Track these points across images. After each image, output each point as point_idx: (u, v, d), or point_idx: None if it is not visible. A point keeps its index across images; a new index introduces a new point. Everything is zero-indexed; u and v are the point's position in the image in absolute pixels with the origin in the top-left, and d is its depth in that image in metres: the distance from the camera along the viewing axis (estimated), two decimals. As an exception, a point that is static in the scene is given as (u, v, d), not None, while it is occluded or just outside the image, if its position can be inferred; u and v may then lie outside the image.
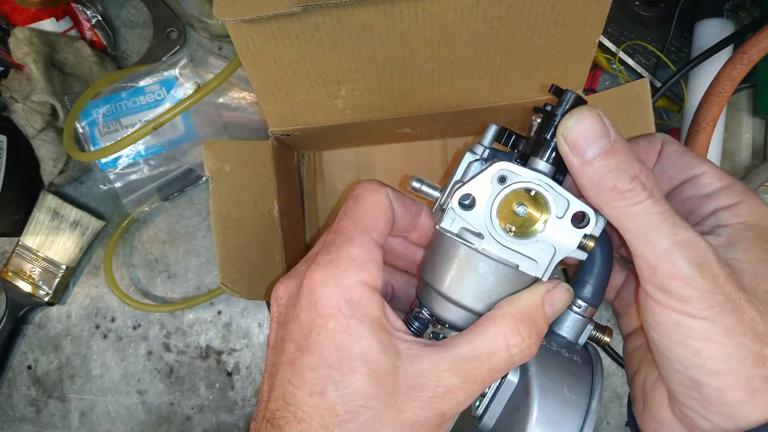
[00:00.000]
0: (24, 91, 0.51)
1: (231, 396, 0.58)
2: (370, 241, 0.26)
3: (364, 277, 0.25)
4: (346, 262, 0.25)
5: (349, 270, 0.25)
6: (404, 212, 0.29)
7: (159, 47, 0.58)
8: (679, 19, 0.53)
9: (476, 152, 0.28)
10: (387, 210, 0.27)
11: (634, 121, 0.40)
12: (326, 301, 0.25)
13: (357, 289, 0.25)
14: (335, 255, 0.26)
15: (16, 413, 0.58)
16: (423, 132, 0.52)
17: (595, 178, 0.24)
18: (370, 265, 0.26)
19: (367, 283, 0.25)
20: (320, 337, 0.25)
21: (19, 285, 0.57)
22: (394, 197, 0.28)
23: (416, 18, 0.34)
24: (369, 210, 0.27)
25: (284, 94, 0.41)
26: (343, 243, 0.26)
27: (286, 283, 0.28)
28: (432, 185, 0.28)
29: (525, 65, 0.40)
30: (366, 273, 0.25)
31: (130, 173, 0.57)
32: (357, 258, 0.25)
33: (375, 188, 0.28)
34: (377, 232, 0.27)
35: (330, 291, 0.25)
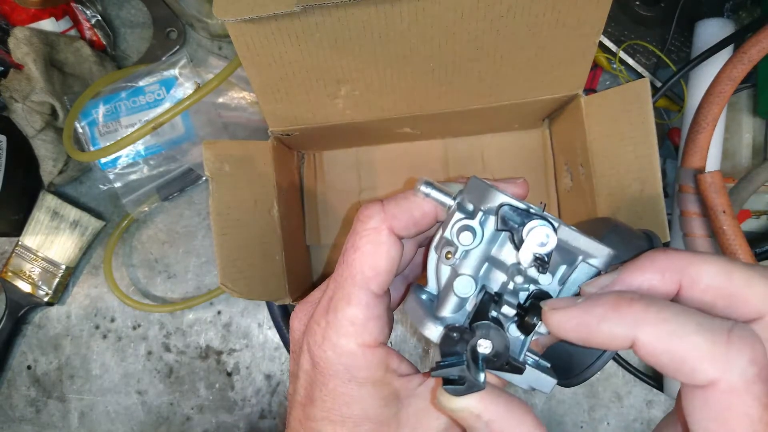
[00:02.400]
0: (23, 91, 0.51)
1: (231, 396, 0.57)
2: (369, 297, 0.25)
3: (363, 339, 0.25)
4: (344, 325, 0.25)
5: (347, 334, 0.24)
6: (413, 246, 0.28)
7: (159, 47, 0.58)
8: (679, 18, 0.53)
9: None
10: (388, 254, 0.25)
11: (634, 121, 0.40)
12: (324, 364, 0.25)
13: (356, 353, 0.25)
14: (333, 316, 0.25)
15: (15, 413, 0.58)
16: (423, 132, 0.52)
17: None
18: (371, 324, 0.25)
19: (367, 345, 0.25)
20: (322, 394, 0.25)
21: (19, 285, 0.57)
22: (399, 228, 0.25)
23: (416, 18, 0.34)
24: (368, 259, 0.25)
25: (284, 94, 0.41)
26: (341, 302, 0.25)
27: (299, 315, 0.28)
28: (444, 191, 0.25)
29: (525, 65, 0.39)
30: (366, 334, 0.25)
31: (130, 173, 0.57)
32: (355, 320, 0.24)
33: (374, 227, 0.25)
34: (377, 283, 0.25)
35: (328, 355, 0.25)
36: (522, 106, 0.45)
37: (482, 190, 0.24)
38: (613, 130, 0.42)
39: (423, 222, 0.26)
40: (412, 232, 0.26)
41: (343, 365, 0.25)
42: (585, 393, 0.55)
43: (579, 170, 0.46)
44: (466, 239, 0.23)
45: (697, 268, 0.20)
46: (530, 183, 0.54)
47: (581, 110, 0.43)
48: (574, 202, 0.49)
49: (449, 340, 0.22)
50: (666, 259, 0.21)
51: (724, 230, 0.39)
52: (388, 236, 0.25)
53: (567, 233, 0.22)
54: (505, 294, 0.23)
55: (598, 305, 0.20)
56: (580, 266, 0.23)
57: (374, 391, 0.25)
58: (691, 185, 0.41)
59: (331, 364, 0.25)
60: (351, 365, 0.25)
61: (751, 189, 0.43)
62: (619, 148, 0.41)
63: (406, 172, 0.55)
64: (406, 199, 0.26)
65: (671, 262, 0.21)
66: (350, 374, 0.25)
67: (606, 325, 0.20)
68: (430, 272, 0.26)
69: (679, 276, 0.20)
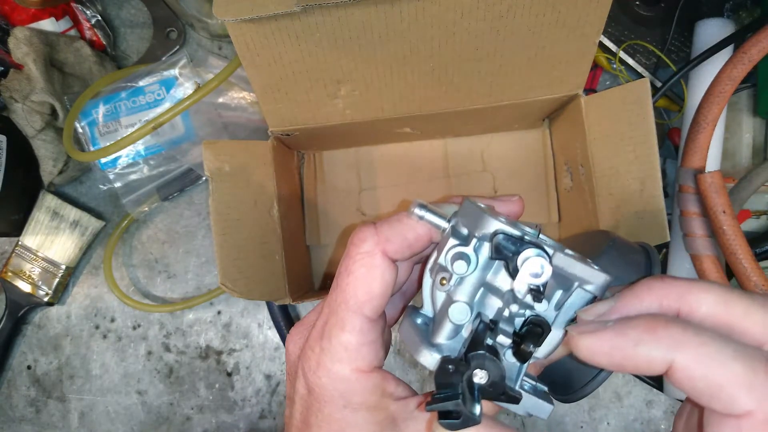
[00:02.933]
0: (23, 91, 0.51)
1: (231, 396, 0.57)
2: (363, 322, 0.24)
3: (357, 365, 0.24)
4: (338, 351, 0.24)
5: (341, 360, 0.24)
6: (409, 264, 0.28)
7: (159, 47, 0.58)
8: (679, 18, 0.53)
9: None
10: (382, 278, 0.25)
11: (635, 121, 0.40)
12: (320, 390, 0.25)
13: (350, 378, 0.24)
14: (327, 342, 0.25)
15: (15, 413, 0.58)
16: (423, 132, 0.52)
17: None
18: (365, 350, 0.24)
19: (361, 370, 0.24)
20: (318, 420, 0.25)
21: (19, 285, 0.57)
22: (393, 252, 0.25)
23: (416, 18, 0.34)
24: (361, 284, 0.24)
25: (284, 94, 0.41)
26: (335, 328, 0.25)
27: (294, 338, 0.28)
28: (438, 213, 0.25)
29: (525, 65, 0.39)
30: (360, 360, 0.24)
31: (130, 173, 0.57)
32: (348, 346, 0.24)
33: (368, 251, 0.25)
34: (371, 307, 0.24)
35: (322, 381, 0.25)
36: (522, 106, 0.45)
37: (476, 215, 0.23)
38: (613, 130, 0.42)
39: (417, 245, 0.25)
40: (407, 254, 0.25)
41: (338, 391, 0.25)
42: (585, 393, 0.55)
43: (579, 170, 0.46)
44: (460, 267, 0.23)
45: (696, 296, 0.20)
46: (530, 183, 0.54)
47: (581, 110, 0.43)
48: (574, 202, 0.49)
49: (444, 372, 0.22)
50: (663, 287, 0.21)
51: (724, 230, 0.39)
52: (381, 260, 0.24)
53: (562, 260, 0.22)
54: (501, 321, 0.23)
55: (632, 328, 0.19)
56: (576, 292, 0.23)
57: (370, 417, 0.25)
58: (691, 185, 0.41)
59: (326, 390, 0.25)
60: (346, 391, 0.25)
61: (751, 189, 0.43)
62: (619, 148, 0.41)
63: (406, 172, 0.55)
64: (399, 222, 0.25)
65: (669, 290, 0.20)
66: (345, 400, 0.25)
67: (643, 349, 0.19)
68: (425, 295, 0.26)
69: (677, 304, 0.20)
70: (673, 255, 0.51)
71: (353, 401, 0.25)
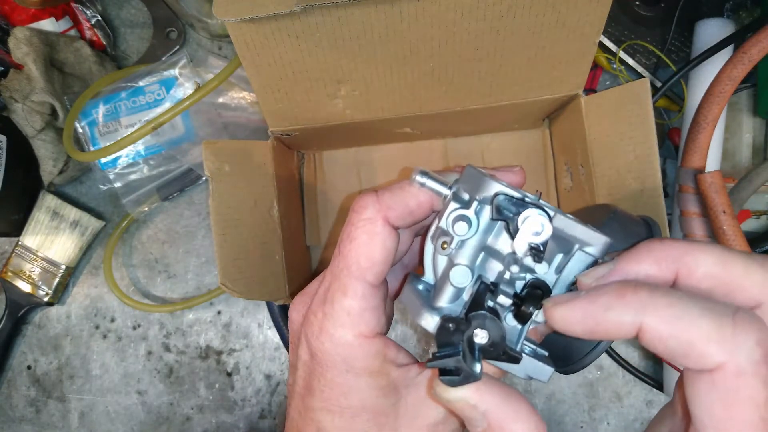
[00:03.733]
0: (23, 91, 0.51)
1: (231, 396, 0.57)
2: (365, 287, 0.25)
3: (359, 329, 0.25)
4: (340, 317, 0.25)
5: (344, 325, 0.25)
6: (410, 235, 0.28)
7: (159, 47, 0.58)
8: (679, 18, 0.53)
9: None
10: (384, 244, 0.25)
11: (634, 121, 0.40)
12: (322, 355, 0.25)
13: (353, 343, 0.25)
14: (329, 307, 0.25)
15: (15, 413, 0.58)
16: (423, 132, 0.52)
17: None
18: (367, 315, 0.25)
19: (364, 335, 0.25)
20: (320, 384, 0.25)
21: (19, 285, 0.57)
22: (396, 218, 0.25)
23: (416, 18, 0.34)
24: (363, 250, 0.25)
25: (284, 94, 0.41)
26: (337, 293, 0.25)
27: (297, 307, 0.28)
28: (440, 180, 0.25)
29: (525, 65, 0.39)
30: (362, 325, 0.25)
31: (130, 173, 0.57)
32: (351, 311, 0.24)
33: (369, 218, 0.25)
34: (373, 273, 0.25)
35: (325, 346, 0.25)
36: (522, 106, 0.45)
37: (477, 179, 0.23)
38: (613, 130, 0.42)
39: (418, 212, 0.25)
40: (408, 222, 0.25)
41: (340, 356, 0.25)
42: (585, 393, 0.55)
43: (579, 170, 0.46)
44: (461, 229, 0.23)
45: (694, 257, 0.20)
46: (530, 183, 0.54)
47: (581, 110, 0.43)
48: (574, 201, 0.49)
49: (445, 330, 0.22)
50: (662, 249, 0.21)
51: (724, 230, 0.39)
52: (383, 226, 0.25)
53: (563, 222, 0.22)
54: (502, 283, 0.23)
55: (602, 294, 0.20)
56: (576, 255, 0.23)
57: (372, 382, 0.25)
58: (691, 185, 0.41)
59: (329, 355, 0.25)
60: (348, 356, 0.25)
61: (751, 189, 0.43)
62: (619, 148, 0.41)
63: (406, 172, 0.55)
64: (401, 189, 0.25)
65: (668, 251, 0.20)
66: (347, 365, 0.25)
67: (612, 314, 0.19)
68: (426, 262, 0.26)
69: (676, 265, 0.20)
70: (673, 255, 0.51)
71: (355, 366, 0.25)
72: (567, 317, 0.21)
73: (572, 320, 0.21)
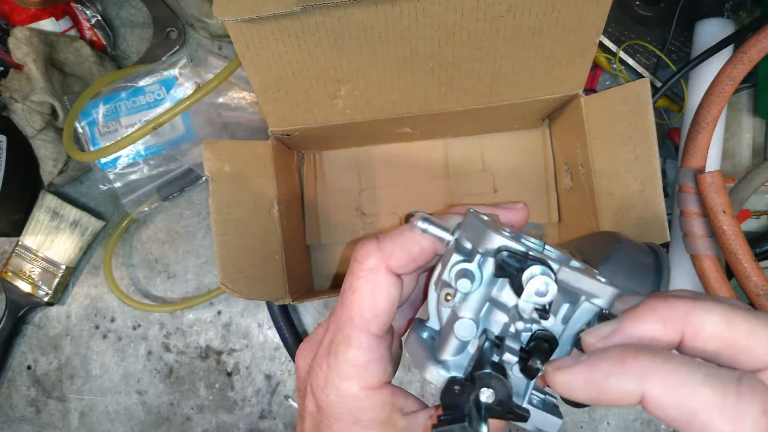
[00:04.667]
0: (23, 91, 0.51)
1: (231, 396, 0.57)
2: (370, 339, 0.24)
3: (365, 381, 0.24)
4: (345, 368, 0.24)
5: (349, 377, 0.24)
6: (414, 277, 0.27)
7: (158, 47, 0.58)
8: (679, 18, 0.53)
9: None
10: (388, 294, 0.24)
11: (635, 121, 0.40)
12: (328, 408, 0.25)
13: (359, 396, 0.24)
14: (334, 359, 0.25)
15: (15, 413, 0.58)
16: (423, 132, 0.52)
17: None
18: (373, 366, 0.24)
19: (370, 387, 0.24)
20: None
21: (19, 285, 0.57)
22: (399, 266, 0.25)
23: (416, 18, 0.34)
24: (367, 301, 0.24)
25: (284, 94, 0.41)
26: (341, 345, 0.25)
27: (304, 354, 0.28)
28: (441, 226, 0.24)
29: (525, 65, 0.39)
30: (368, 376, 0.24)
31: (130, 173, 0.57)
32: (356, 363, 0.24)
33: (371, 267, 0.24)
34: (377, 324, 0.24)
35: (331, 399, 0.25)
36: (522, 106, 0.45)
37: (479, 231, 0.23)
38: (613, 130, 0.42)
39: (421, 258, 0.25)
40: (411, 269, 0.25)
41: (346, 408, 0.24)
42: (585, 393, 0.55)
43: (579, 170, 0.46)
44: (464, 286, 0.22)
45: (699, 317, 0.19)
46: (530, 183, 0.54)
47: (581, 110, 0.43)
48: (575, 202, 0.49)
49: (451, 392, 0.22)
50: (666, 308, 0.20)
51: (724, 230, 0.39)
52: (386, 276, 0.24)
53: (568, 275, 0.22)
54: (507, 337, 0.23)
55: (604, 360, 0.19)
56: (583, 305, 0.22)
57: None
58: (691, 185, 0.41)
59: (335, 408, 0.24)
60: (355, 408, 0.24)
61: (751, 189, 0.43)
62: (619, 148, 0.41)
63: (406, 172, 0.55)
64: (402, 236, 0.25)
65: (673, 310, 0.20)
66: (354, 417, 0.24)
67: (614, 381, 0.19)
68: (431, 309, 0.25)
69: (681, 325, 0.20)
70: (673, 255, 0.51)
71: (363, 418, 0.24)
72: (569, 383, 0.20)
73: (574, 386, 0.20)
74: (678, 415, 0.18)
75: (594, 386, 0.19)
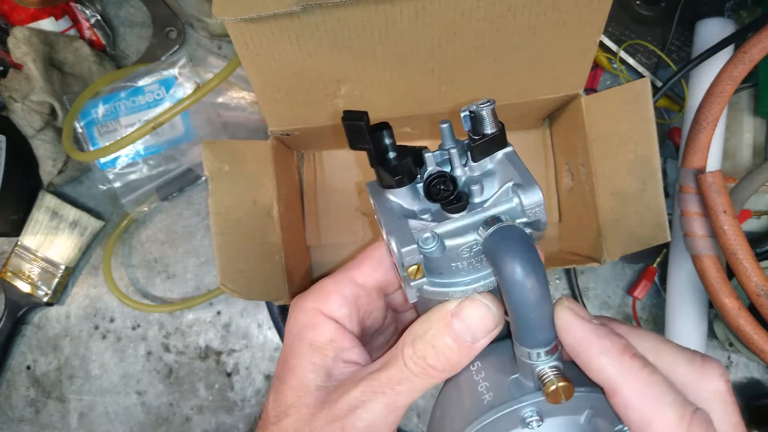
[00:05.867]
0: (23, 91, 0.51)
1: (230, 397, 0.57)
2: (345, 277, 0.28)
3: (320, 305, 0.28)
4: (314, 290, 0.28)
5: (311, 296, 0.28)
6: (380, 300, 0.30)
7: (158, 47, 0.58)
8: (679, 18, 0.53)
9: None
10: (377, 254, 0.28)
11: (635, 121, 0.40)
12: (289, 322, 0.29)
13: (309, 314, 0.28)
14: (314, 285, 0.29)
15: (15, 414, 0.58)
16: (423, 132, 0.52)
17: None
18: (334, 297, 0.28)
19: (321, 311, 0.28)
20: (281, 353, 0.29)
21: (18, 285, 0.56)
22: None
23: (416, 17, 0.34)
24: (359, 255, 0.29)
25: (284, 93, 0.41)
26: (324, 279, 0.29)
27: None
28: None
29: (526, 65, 0.39)
30: (324, 302, 0.28)
31: (129, 173, 0.57)
32: (323, 288, 0.28)
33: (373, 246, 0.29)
34: (359, 272, 0.28)
35: (292, 312, 0.29)
36: (522, 106, 0.45)
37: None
38: (613, 129, 0.41)
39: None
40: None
41: (298, 322, 0.28)
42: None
43: (580, 170, 0.46)
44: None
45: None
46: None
47: (582, 110, 0.43)
48: (575, 202, 0.49)
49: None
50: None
51: (725, 230, 0.39)
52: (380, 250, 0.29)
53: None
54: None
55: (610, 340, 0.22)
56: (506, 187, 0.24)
57: (309, 353, 0.27)
58: (691, 185, 0.41)
59: (291, 322, 0.28)
60: (303, 322, 0.28)
61: (752, 189, 0.43)
62: (620, 148, 0.41)
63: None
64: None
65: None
66: (299, 330, 0.28)
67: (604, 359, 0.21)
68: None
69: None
70: (673, 255, 0.51)
71: (303, 333, 0.27)
72: (571, 324, 0.22)
73: (571, 332, 0.22)
74: (636, 418, 0.21)
75: (586, 346, 0.22)
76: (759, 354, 0.40)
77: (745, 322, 0.40)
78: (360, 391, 0.25)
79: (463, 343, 0.24)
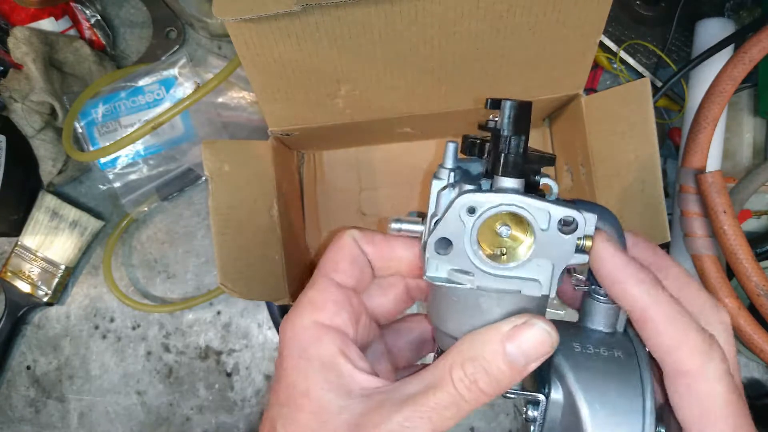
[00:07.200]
0: (23, 91, 0.51)
1: (230, 397, 0.57)
2: (329, 283, 0.27)
3: (317, 317, 0.26)
4: (303, 305, 0.27)
5: (304, 312, 0.26)
6: (375, 250, 0.29)
7: (158, 47, 0.58)
8: (679, 18, 0.53)
9: (441, 177, 0.26)
10: (348, 251, 0.28)
11: (635, 121, 0.40)
12: (283, 343, 0.26)
13: (309, 329, 0.26)
14: (297, 301, 0.27)
15: (15, 414, 0.58)
16: (423, 132, 0.52)
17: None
18: (329, 305, 0.26)
19: (321, 323, 0.26)
20: (279, 376, 0.26)
21: (18, 285, 0.56)
22: (360, 237, 0.28)
23: (416, 17, 0.34)
24: (330, 255, 0.28)
25: (284, 93, 0.41)
26: (306, 289, 0.27)
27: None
28: (412, 221, 0.27)
29: (525, 65, 0.39)
30: (320, 313, 0.26)
31: (129, 173, 0.57)
32: (313, 299, 0.27)
33: (339, 235, 0.28)
34: (339, 273, 0.27)
35: (287, 334, 0.26)
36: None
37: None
38: (613, 129, 0.41)
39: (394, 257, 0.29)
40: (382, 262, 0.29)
41: (297, 341, 0.26)
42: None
43: (579, 170, 0.46)
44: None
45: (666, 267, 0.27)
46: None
47: (581, 110, 0.43)
48: (575, 202, 0.49)
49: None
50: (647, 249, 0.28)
51: (725, 230, 0.39)
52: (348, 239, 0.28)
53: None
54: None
55: (645, 272, 0.24)
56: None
57: (320, 370, 0.25)
58: (691, 185, 0.41)
59: (288, 342, 0.26)
60: (303, 340, 0.26)
61: (752, 189, 0.43)
62: (620, 148, 0.41)
63: (406, 172, 0.55)
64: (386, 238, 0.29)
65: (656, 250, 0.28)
66: (301, 349, 0.26)
67: (638, 288, 0.24)
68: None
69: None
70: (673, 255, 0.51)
71: (308, 352, 0.25)
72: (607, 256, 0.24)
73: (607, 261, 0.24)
74: (665, 341, 0.24)
75: (622, 275, 0.24)
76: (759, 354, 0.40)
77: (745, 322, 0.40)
78: (404, 416, 0.23)
79: (516, 368, 0.23)
